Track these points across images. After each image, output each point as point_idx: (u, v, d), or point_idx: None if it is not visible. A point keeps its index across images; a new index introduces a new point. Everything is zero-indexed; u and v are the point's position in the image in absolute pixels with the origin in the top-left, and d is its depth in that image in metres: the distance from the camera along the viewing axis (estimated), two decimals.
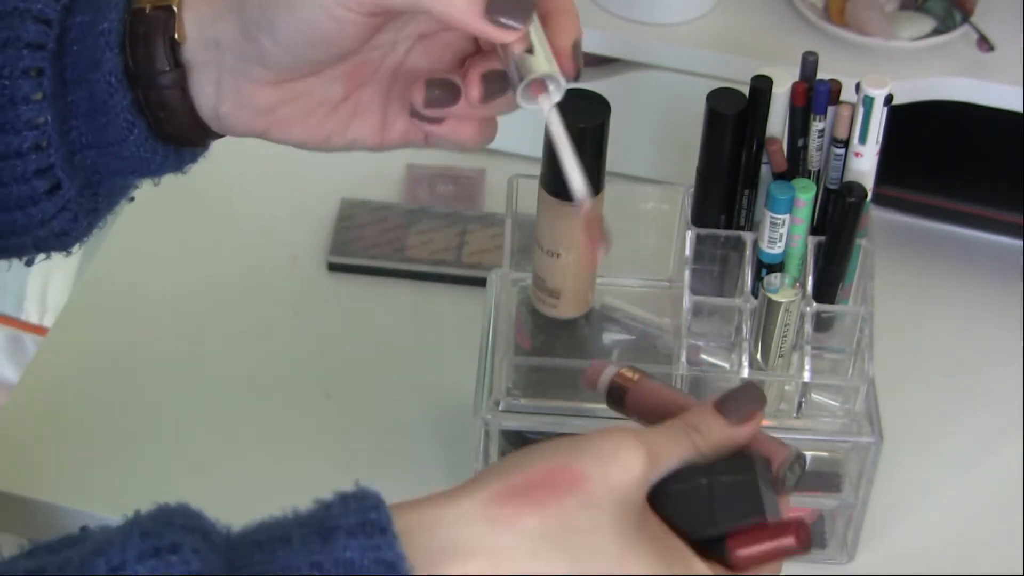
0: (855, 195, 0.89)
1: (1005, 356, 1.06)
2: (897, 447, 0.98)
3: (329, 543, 0.57)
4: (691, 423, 0.64)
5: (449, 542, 0.58)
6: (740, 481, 0.63)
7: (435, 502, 0.60)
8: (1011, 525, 0.97)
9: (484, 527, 0.59)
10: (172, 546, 0.56)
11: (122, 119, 0.70)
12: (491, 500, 0.59)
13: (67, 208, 0.72)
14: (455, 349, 1.03)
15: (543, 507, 0.59)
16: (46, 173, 0.70)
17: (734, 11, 1.11)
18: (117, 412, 1.01)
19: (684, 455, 0.63)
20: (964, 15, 1.08)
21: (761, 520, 0.63)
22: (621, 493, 0.60)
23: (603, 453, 0.60)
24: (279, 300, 1.08)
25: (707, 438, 0.64)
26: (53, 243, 0.74)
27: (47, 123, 0.69)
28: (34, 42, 0.68)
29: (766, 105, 0.90)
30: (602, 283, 0.95)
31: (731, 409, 0.65)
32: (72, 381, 1.03)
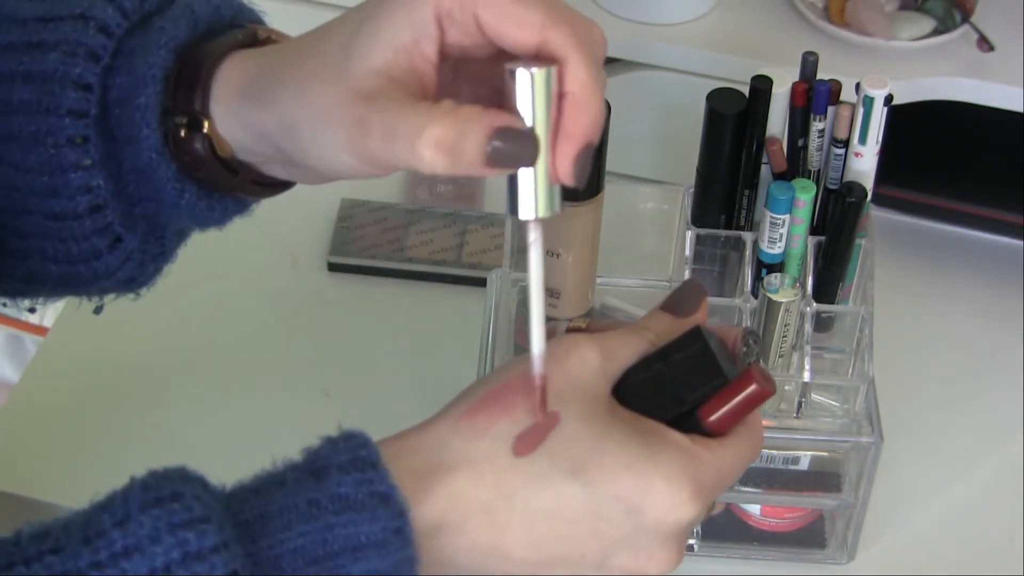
0: (855, 195, 0.89)
1: (1005, 356, 1.06)
2: (897, 447, 0.98)
3: (323, 481, 0.60)
4: (642, 324, 0.67)
5: (431, 462, 0.62)
6: (693, 352, 0.65)
7: (412, 432, 0.63)
8: (1011, 525, 0.97)
9: (460, 441, 0.62)
10: (173, 495, 0.58)
11: (170, 187, 0.68)
12: (461, 416, 0.63)
13: (131, 259, 0.71)
14: (455, 349, 1.03)
15: (510, 409, 0.62)
16: (105, 231, 0.69)
17: (734, 11, 1.11)
18: (117, 412, 1.01)
19: (638, 350, 0.65)
20: (964, 15, 1.08)
21: (723, 382, 0.64)
22: (582, 384, 0.63)
23: (557, 353, 0.63)
24: (279, 300, 1.08)
25: (659, 334, 0.66)
26: (120, 288, 0.74)
27: (100, 186, 0.68)
28: (76, 109, 0.66)
29: (766, 105, 0.90)
30: (602, 283, 0.95)
31: (677, 306, 0.68)
32: (72, 381, 1.03)
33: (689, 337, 0.65)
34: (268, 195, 0.74)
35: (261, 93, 0.65)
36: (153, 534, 0.57)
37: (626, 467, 0.61)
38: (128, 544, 0.57)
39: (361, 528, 0.59)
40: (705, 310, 0.68)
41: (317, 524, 0.59)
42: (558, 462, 0.61)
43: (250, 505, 0.60)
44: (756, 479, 0.92)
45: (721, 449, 0.64)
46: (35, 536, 0.58)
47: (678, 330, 0.66)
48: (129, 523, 0.57)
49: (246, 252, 1.11)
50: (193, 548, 0.57)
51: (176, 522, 0.57)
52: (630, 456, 0.61)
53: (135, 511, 0.58)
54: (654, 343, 0.66)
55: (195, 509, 0.58)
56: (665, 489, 0.61)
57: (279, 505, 0.59)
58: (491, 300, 0.94)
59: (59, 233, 0.69)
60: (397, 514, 0.59)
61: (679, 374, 0.64)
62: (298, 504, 0.59)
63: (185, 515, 0.58)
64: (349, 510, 0.59)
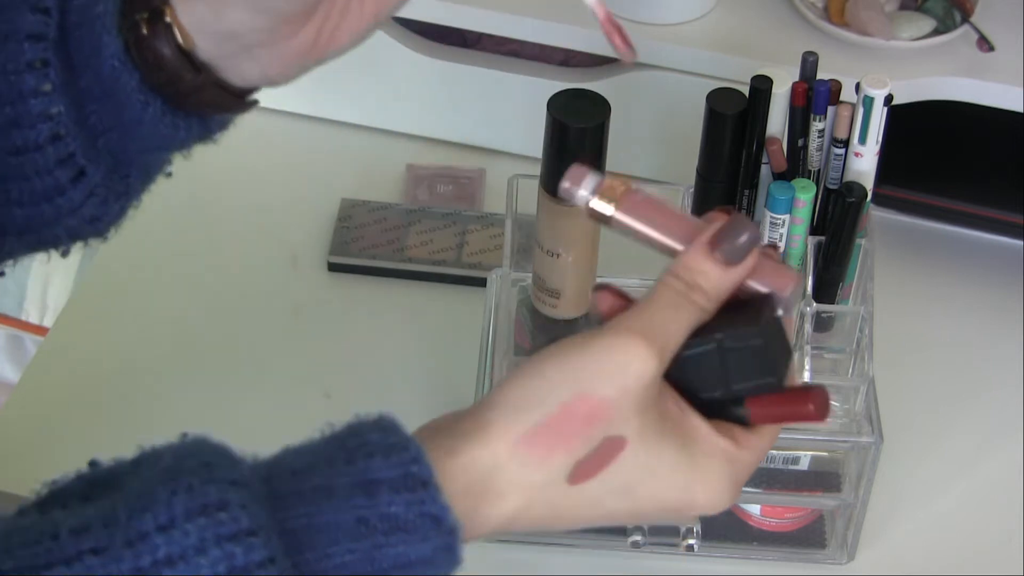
0: (855, 195, 0.89)
1: (1005, 356, 1.06)
2: (897, 447, 0.98)
3: (374, 497, 0.58)
4: (687, 281, 0.63)
5: (484, 485, 0.60)
6: (751, 347, 0.63)
7: (466, 444, 0.61)
8: (1011, 525, 0.97)
9: (517, 468, 0.60)
10: (220, 503, 0.56)
11: (134, 99, 0.68)
12: (520, 443, 0.60)
13: (95, 194, 0.71)
14: (455, 349, 1.03)
15: (569, 443, 0.60)
16: (67, 162, 0.69)
17: (734, 11, 1.11)
18: (117, 412, 1.01)
19: (690, 324, 0.63)
20: (964, 15, 1.08)
21: (774, 383, 0.63)
22: (639, 398, 0.61)
23: (615, 371, 0.61)
24: (279, 300, 1.08)
25: (708, 292, 0.63)
26: (86, 230, 0.73)
27: (61, 113, 0.67)
28: (34, 33, 0.67)
29: (766, 105, 0.90)
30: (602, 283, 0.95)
31: (727, 251, 0.63)
32: (72, 381, 1.03)
33: (747, 319, 0.63)
34: (231, 111, 0.73)
35: None
36: (199, 545, 0.56)
37: (673, 487, 0.62)
38: (172, 553, 0.55)
39: (411, 548, 0.58)
40: (755, 256, 0.64)
41: (366, 543, 0.58)
42: (610, 487, 0.61)
43: (297, 513, 0.58)
44: (756, 479, 0.92)
45: (754, 446, 0.64)
46: (75, 531, 0.56)
47: (726, 282, 0.63)
48: (174, 530, 0.56)
49: (246, 252, 1.11)
50: (240, 563, 0.56)
51: (223, 534, 0.56)
52: (677, 476, 0.62)
53: (180, 517, 0.56)
54: (702, 307, 0.63)
55: (242, 521, 0.56)
56: (707, 497, 0.63)
57: (327, 519, 0.58)
58: (491, 300, 0.94)
59: (21, 169, 0.68)
60: (447, 532, 0.59)
61: (733, 365, 0.63)
62: (347, 521, 0.58)
63: (232, 527, 0.56)
64: (399, 531, 0.58)
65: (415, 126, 1.19)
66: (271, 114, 1.20)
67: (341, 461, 0.60)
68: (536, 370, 0.62)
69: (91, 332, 1.06)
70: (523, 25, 1.10)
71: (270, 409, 1.02)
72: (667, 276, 0.63)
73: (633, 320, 0.62)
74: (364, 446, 0.60)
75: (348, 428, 0.61)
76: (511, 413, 0.61)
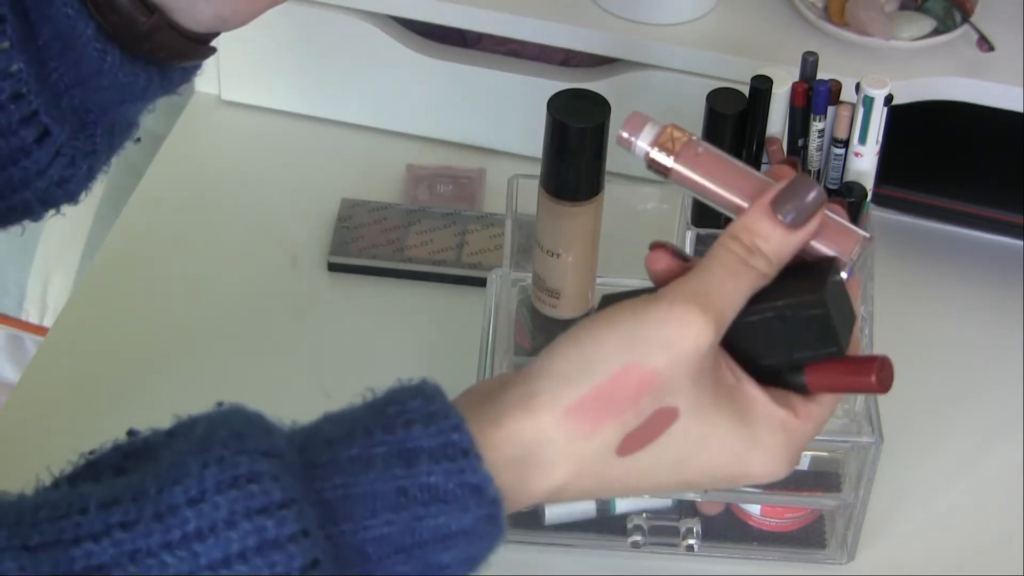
0: (855, 195, 0.89)
1: (1005, 356, 1.06)
2: (897, 447, 0.98)
3: (413, 467, 0.57)
4: (747, 244, 0.61)
5: (531, 456, 0.59)
6: (813, 316, 0.61)
7: (511, 415, 0.59)
8: (1011, 525, 0.97)
9: (564, 440, 0.59)
10: (251, 475, 0.55)
11: (91, 48, 0.67)
12: (567, 414, 0.59)
13: (61, 154, 0.70)
14: (455, 349, 1.03)
15: (619, 414, 0.59)
16: (31, 121, 0.68)
17: (734, 11, 1.11)
18: (117, 412, 1.01)
19: (750, 290, 0.61)
20: (964, 15, 1.08)
21: (836, 352, 0.62)
22: (694, 367, 0.59)
23: (670, 341, 0.59)
24: (279, 300, 1.08)
25: (769, 257, 0.61)
26: (56, 193, 0.72)
27: (21, 70, 0.66)
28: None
29: (766, 105, 0.90)
30: (602, 283, 0.95)
31: (791, 213, 0.61)
32: (72, 381, 1.03)
33: (809, 287, 0.61)
34: (188, 58, 0.72)
35: None
36: (229, 518, 0.54)
37: (730, 460, 0.61)
38: (202, 526, 0.54)
39: (452, 518, 0.57)
40: (819, 219, 0.62)
41: (405, 514, 0.57)
42: (663, 458, 0.60)
43: (333, 484, 0.57)
44: None
45: (814, 415, 0.63)
46: (103, 504, 0.55)
47: (789, 246, 0.61)
48: (204, 503, 0.54)
49: (246, 252, 1.11)
50: (271, 535, 0.54)
51: (254, 507, 0.54)
52: (734, 448, 0.61)
53: (210, 491, 0.55)
54: (763, 273, 0.61)
55: (274, 493, 0.55)
56: (764, 468, 0.62)
57: (364, 489, 0.57)
58: (491, 300, 0.94)
59: None
60: (489, 502, 0.57)
61: (793, 334, 0.61)
62: (386, 491, 0.57)
63: (263, 499, 0.55)
64: (439, 501, 0.57)
65: (415, 126, 1.19)
66: (271, 114, 1.20)
67: (380, 430, 0.58)
68: (586, 337, 0.60)
69: (91, 332, 1.06)
70: (523, 25, 1.10)
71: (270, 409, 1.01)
72: (726, 238, 0.61)
73: (690, 287, 0.60)
74: (403, 413, 0.59)
75: (388, 394, 0.60)
76: (558, 382, 0.60)
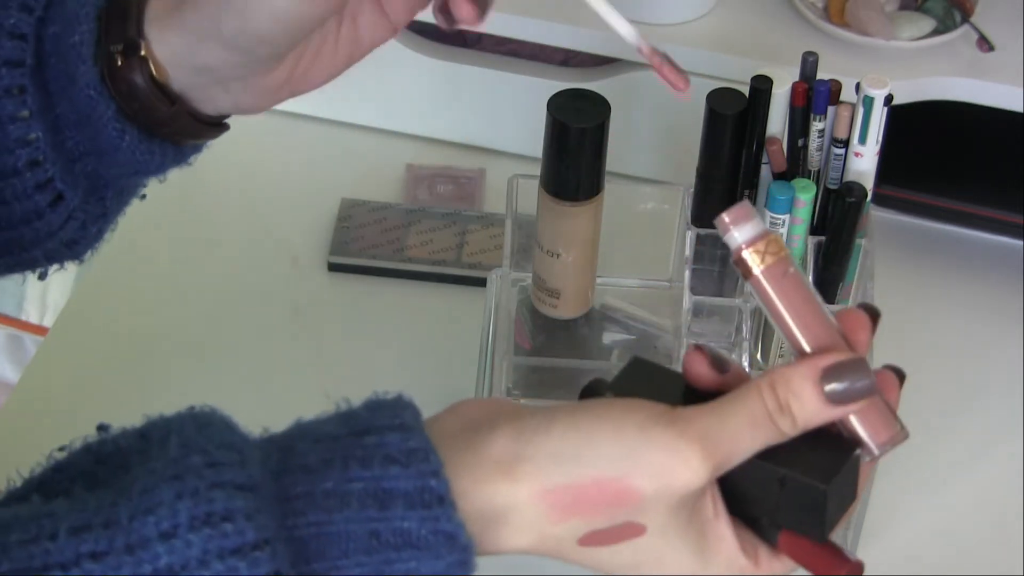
0: (855, 195, 0.89)
1: (1005, 356, 1.06)
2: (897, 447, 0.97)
3: (387, 510, 0.57)
4: (780, 400, 0.60)
5: (501, 517, 0.59)
6: (811, 495, 0.60)
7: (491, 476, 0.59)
8: (1011, 525, 0.97)
9: (534, 515, 0.59)
10: (225, 513, 0.55)
11: (110, 128, 0.68)
12: (544, 494, 0.59)
13: (73, 217, 0.71)
14: (455, 349, 1.03)
15: (591, 514, 0.59)
16: (46, 187, 0.69)
17: (734, 11, 1.11)
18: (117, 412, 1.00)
19: (764, 444, 0.60)
20: (964, 15, 1.08)
21: (818, 535, 0.61)
22: (675, 502, 0.60)
23: (664, 471, 0.59)
24: (279, 300, 1.08)
25: (796, 420, 0.60)
26: (64, 253, 0.73)
27: (39, 139, 0.67)
28: (11, 60, 0.67)
29: (766, 105, 0.90)
30: (602, 283, 0.95)
31: (837, 390, 0.60)
32: (72, 381, 1.03)
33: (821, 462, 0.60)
34: (203, 138, 0.73)
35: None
36: (202, 557, 0.54)
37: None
38: (173, 563, 0.54)
39: (423, 564, 0.57)
40: (862, 404, 0.61)
41: (377, 557, 0.57)
42: (617, 559, 0.61)
43: (307, 520, 0.57)
44: None
45: (772, 569, 0.63)
46: (74, 531, 0.55)
47: (822, 417, 0.60)
48: (177, 539, 0.54)
49: (246, 252, 1.11)
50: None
51: (227, 547, 0.54)
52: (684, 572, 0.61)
53: (184, 526, 0.55)
54: (784, 433, 0.60)
55: (247, 533, 0.55)
56: None
57: (338, 529, 0.57)
58: (491, 300, 0.94)
59: (0, 194, 0.68)
60: (461, 549, 0.58)
61: (786, 500, 0.61)
62: (359, 532, 0.57)
63: (237, 539, 0.55)
64: (411, 547, 0.57)
65: (415, 126, 1.19)
66: (271, 114, 1.19)
67: (356, 463, 0.58)
68: (588, 428, 0.60)
69: (91, 332, 1.06)
70: (523, 25, 1.09)
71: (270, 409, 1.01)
72: (763, 384, 0.60)
73: (705, 424, 0.59)
74: (382, 446, 0.58)
75: (366, 414, 0.60)
76: (545, 462, 0.59)
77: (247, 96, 0.71)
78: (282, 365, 1.04)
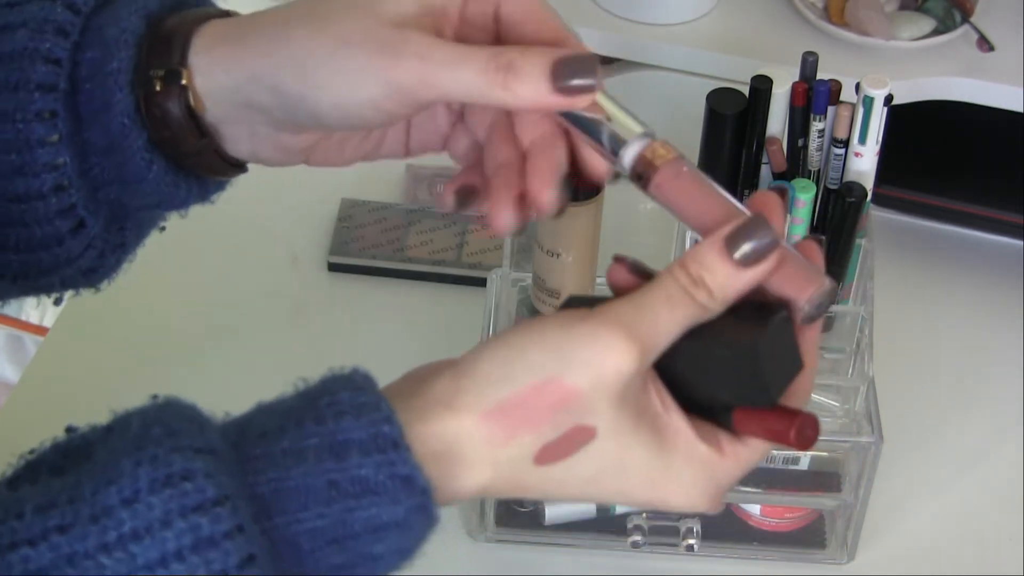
0: (855, 195, 0.89)
1: (1005, 356, 1.06)
2: (897, 447, 0.98)
3: (343, 460, 0.58)
4: (693, 275, 0.60)
5: (454, 453, 0.60)
6: (745, 363, 0.60)
7: (436, 411, 0.60)
8: (1011, 525, 0.97)
9: (483, 442, 0.60)
10: (184, 472, 0.56)
11: (139, 158, 0.68)
12: (486, 416, 0.60)
13: (92, 246, 0.71)
14: (455, 349, 1.03)
15: (535, 424, 0.60)
16: (69, 213, 0.68)
17: (734, 11, 1.11)
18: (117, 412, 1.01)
19: (686, 321, 0.60)
20: (964, 15, 1.08)
21: (765, 400, 0.61)
22: (615, 391, 0.60)
23: (592, 362, 0.59)
24: (279, 300, 1.08)
25: (713, 291, 0.60)
26: (80, 280, 0.73)
27: (66, 164, 0.67)
28: (45, 84, 0.66)
29: (766, 105, 0.90)
30: (602, 283, 0.95)
31: (742, 251, 0.60)
32: (72, 381, 1.03)
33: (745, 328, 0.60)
34: (225, 175, 0.73)
35: (258, 36, 0.65)
36: (164, 517, 0.55)
37: (644, 486, 0.61)
38: (137, 526, 0.55)
39: (383, 510, 0.58)
40: (775, 260, 0.60)
41: (337, 506, 0.58)
42: (577, 473, 0.61)
43: (267, 478, 0.58)
44: (756, 479, 0.92)
45: (739, 456, 0.62)
46: (39, 508, 0.56)
47: (736, 283, 0.60)
48: (138, 503, 0.55)
49: (246, 252, 1.11)
50: (206, 533, 0.55)
51: (188, 505, 0.55)
52: (650, 475, 0.61)
53: (144, 490, 0.55)
54: (706, 308, 0.60)
55: (207, 490, 0.56)
56: (681, 501, 0.62)
57: (296, 483, 0.58)
58: (491, 300, 0.94)
59: (22, 217, 0.68)
60: (419, 492, 0.58)
61: (723, 373, 0.61)
62: (317, 484, 0.58)
63: (197, 497, 0.55)
64: (370, 493, 0.58)
65: None
66: None
67: (311, 421, 0.59)
68: (515, 341, 0.61)
69: (91, 332, 1.06)
70: None
71: None
72: (675, 266, 0.61)
73: (624, 310, 0.60)
74: (334, 404, 0.60)
75: (321, 384, 0.61)
76: (482, 384, 0.61)
77: (267, 147, 0.71)
78: (282, 365, 1.04)
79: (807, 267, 0.61)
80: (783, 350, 0.61)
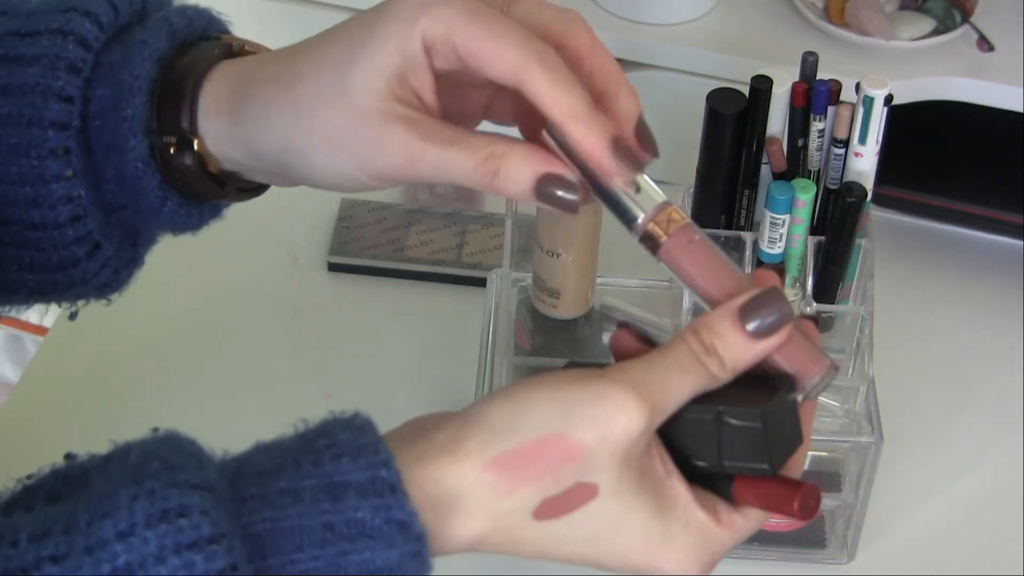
0: (855, 195, 0.89)
1: (1005, 356, 1.06)
2: (897, 447, 0.98)
3: (340, 502, 0.58)
4: (705, 342, 0.61)
5: (452, 501, 0.60)
6: (750, 429, 0.60)
7: (437, 457, 0.60)
8: (1011, 525, 0.97)
9: (484, 491, 0.60)
10: (181, 509, 0.56)
11: (153, 196, 0.69)
12: (489, 465, 0.60)
13: (107, 265, 0.72)
14: (455, 349, 1.03)
15: (538, 479, 0.60)
16: (85, 239, 0.69)
17: (734, 11, 1.11)
18: (117, 412, 1.01)
19: (695, 388, 0.61)
20: (964, 15, 1.08)
21: (767, 470, 0.61)
22: (620, 454, 0.60)
23: (600, 420, 0.59)
24: (279, 300, 1.08)
25: (724, 360, 0.61)
26: (93, 294, 0.74)
27: (81, 196, 0.68)
28: (58, 121, 0.67)
29: (766, 105, 0.90)
30: (602, 283, 0.95)
31: (755, 322, 0.61)
32: (72, 381, 1.03)
33: (752, 399, 0.61)
34: (247, 199, 0.74)
35: (257, 115, 0.66)
36: (158, 553, 0.55)
37: (639, 549, 0.61)
38: (131, 560, 0.55)
39: (377, 554, 0.58)
40: (786, 334, 0.62)
41: (331, 549, 0.58)
42: (577, 531, 0.61)
43: (261, 517, 0.58)
44: None
45: (736, 526, 0.63)
46: (35, 537, 0.56)
47: (747, 354, 0.61)
48: (134, 537, 0.55)
49: (246, 252, 1.11)
50: (200, 571, 0.55)
51: (183, 542, 0.55)
52: (647, 538, 0.61)
53: (140, 524, 0.55)
54: (715, 376, 0.61)
55: (203, 528, 0.55)
56: (673, 567, 0.62)
57: (292, 523, 0.58)
58: (491, 300, 0.94)
59: (39, 243, 0.69)
60: (414, 539, 0.58)
61: (728, 441, 0.61)
62: (312, 526, 0.58)
63: (193, 534, 0.55)
64: (365, 537, 0.58)
65: None
66: None
67: (308, 463, 0.59)
68: (524, 395, 0.61)
69: (91, 332, 1.06)
70: None
71: (270, 409, 1.01)
72: (687, 332, 0.62)
73: (635, 372, 0.61)
74: (333, 446, 0.59)
75: (320, 426, 0.61)
76: (487, 434, 0.60)
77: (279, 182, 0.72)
78: (282, 365, 1.04)
79: (812, 348, 0.62)
80: (786, 423, 0.62)
